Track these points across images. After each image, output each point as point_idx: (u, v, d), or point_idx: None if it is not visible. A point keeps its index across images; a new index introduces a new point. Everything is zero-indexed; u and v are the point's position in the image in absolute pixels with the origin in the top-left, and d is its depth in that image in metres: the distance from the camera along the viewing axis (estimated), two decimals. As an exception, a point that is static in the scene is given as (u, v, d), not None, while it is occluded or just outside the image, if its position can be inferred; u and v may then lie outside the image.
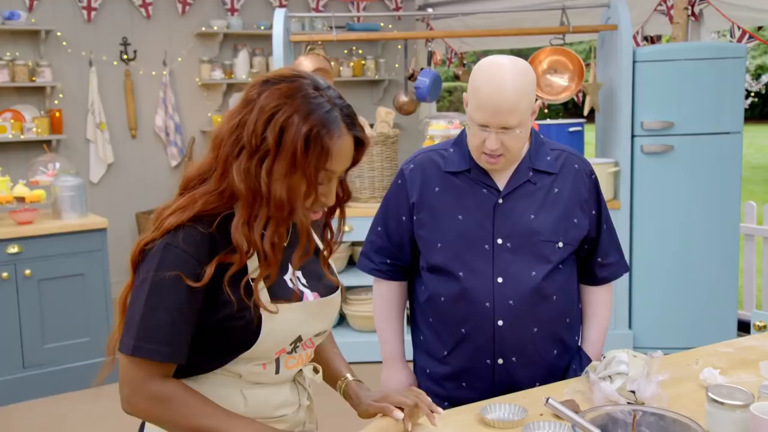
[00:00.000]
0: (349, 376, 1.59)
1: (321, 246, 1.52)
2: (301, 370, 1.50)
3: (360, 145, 1.37)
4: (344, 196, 1.45)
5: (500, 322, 1.79)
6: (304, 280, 1.46)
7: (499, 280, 1.79)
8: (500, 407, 1.61)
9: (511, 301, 1.79)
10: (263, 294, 1.35)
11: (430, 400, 1.52)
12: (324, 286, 1.49)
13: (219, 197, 1.32)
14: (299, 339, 1.43)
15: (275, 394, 1.45)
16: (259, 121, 1.28)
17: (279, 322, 1.36)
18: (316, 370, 1.53)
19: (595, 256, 1.95)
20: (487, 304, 1.79)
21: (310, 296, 1.44)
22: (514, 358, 1.82)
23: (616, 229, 2.02)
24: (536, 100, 1.80)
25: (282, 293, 1.39)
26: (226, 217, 1.34)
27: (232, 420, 1.33)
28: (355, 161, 1.39)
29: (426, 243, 1.88)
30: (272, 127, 1.27)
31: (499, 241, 1.81)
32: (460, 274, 1.81)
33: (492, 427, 1.55)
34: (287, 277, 1.43)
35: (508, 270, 1.80)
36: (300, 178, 1.29)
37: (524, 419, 1.56)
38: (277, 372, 1.43)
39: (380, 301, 2.03)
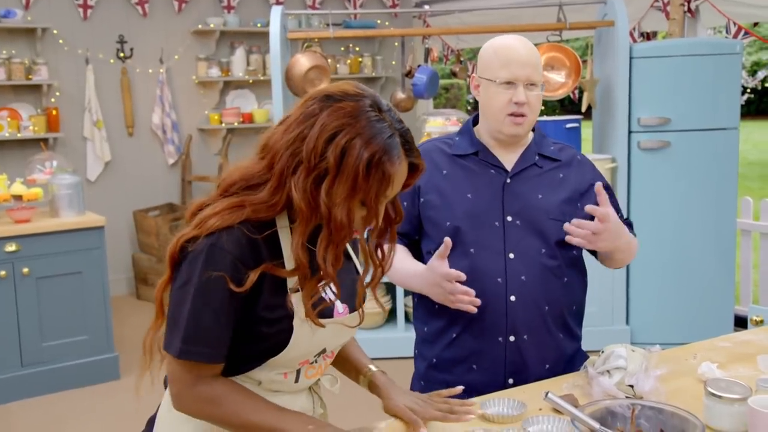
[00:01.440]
0: (372, 367, 1.59)
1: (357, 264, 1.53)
2: (318, 379, 1.51)
3: (414, 170, 1.36)
4: (396, 217, 1.43)
5: (513, 298, 1.81)
6: (335, 289, 1.43)
7: (511, 255, 1.82)
8: (499, 402, 1.61)
9: (523, 277, 1.81)
10: (297, 305, 1.34)
11: (458, 404, 1.55)
12: (353, 297, 1.46)
13: (270, 209, 1.31)
14: (324, 351, 1.44)
15: (291, 402, 1.45)
16: (320, 139, 1.25)
17: (309, 334, 1.36)
18: (334, 382, 1.54)
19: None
20: (500, 279, 1.81)
21: (340, 308, 1.44)
22: (525, 336, 1.82)
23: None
24: None
25: (316, 305, 1.37)
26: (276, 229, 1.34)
27: (284, 415, 1.34)
28: (407, 185, 1.38)
29: (435, 223, 1.89)
30: (333, 148, 1.25)
31: (509, 218, 1.85)
32: (472, 250, 1.83)
33: (492, 422, 1.55)
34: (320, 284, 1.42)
35: (518, 246, 1.83)
36: (359, 203, 1.29)
37: (523, 414, 1.56)
38: (296, 381, 1.44)
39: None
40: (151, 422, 1.52)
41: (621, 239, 1.78)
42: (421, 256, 1.97)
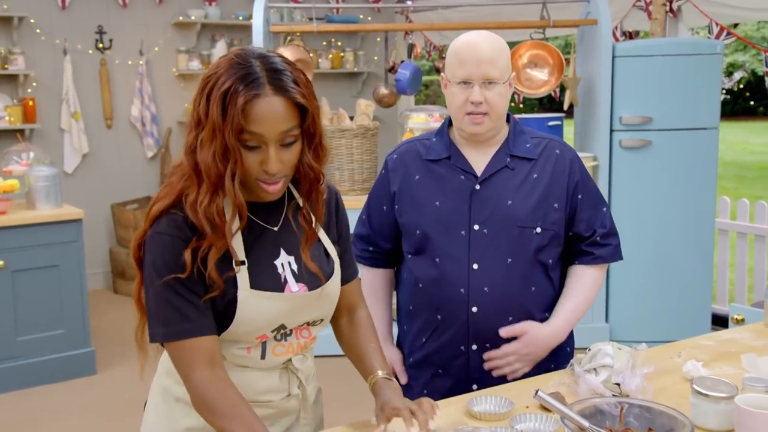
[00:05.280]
0: (379, 373, 1.53)
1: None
2: (290, 359, 1.50)
3: (302, 110, 1.34)
4: (313, 174, 1.42)
5: (474, 309, 1.80)
6: (295, 267, 1.46)
7: (475, 266, 1.80)
8: (487, 400, 1.61)
9: (486, 288, 1.80)
10: (243, 277, 1.37)
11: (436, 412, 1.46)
12: (316, 277, 1.47)
13: (191, 181, 1.35)
14: (283, 327, 1.44)
15: (261, 380, 1.45)
16: (197, 94, 1.32)
17: (254, 308, 1.38)
18: (304, 360, 1.52)
19: (594, 235, 1.90)
20: (462, 290, 1.80)
21: (294, 287, 1.44)
22: (488, 345, 1.82)
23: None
24: (511, 73, 1.83)
25: (266, 280, 1.41)
26: None
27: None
28: (309, 133, 1.37)
29: (407, 229, 1.90)
30: (204, 96, 1.30)
31: (476, 227, 1.81)
32: (437, 260, 1.83)
33: (479, 420, 1.55)
34: (278, 262, 1.44)
35: (483, 256, 1.80)
36: (222, 142, 1.29)
37: (511, 411, 1.56)
38: (263, 357, 1.44)
39: (364, 287, 2.00)
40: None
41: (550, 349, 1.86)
42: (400, 266, 2.00)
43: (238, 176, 1.32)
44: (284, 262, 1.45)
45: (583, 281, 1.90)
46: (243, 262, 1.38)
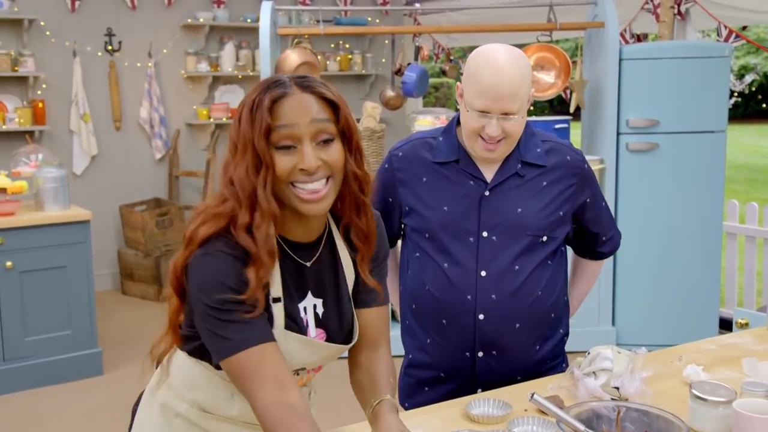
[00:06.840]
0: (388, 396, 1.37)
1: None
2: None
3: (333, 106, 1.27)
4: (358, 184, 1.30)
5: (481, 316, 1.79)
6: (321, 311, 1.39)
7: (483, 273, 1.79)
8: (485, 402, 1.61)
9: (493, 296, 1.78)
10: (278, 315, 1.30)
11: None
12: (339, 329, 1.41)
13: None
14: (303, 369, 1.40)
15: None
16: (231, 128, 1.28)
17: (285, 349, 1.31)
18: (310, 394, 1.49)
19: (599, 235, 2.01)
20: (469, 297, 1.79)
21: (313, 332, 1.38)
22: (494, 352, 1.81)
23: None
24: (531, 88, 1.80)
25: (295, 321, 1.35)
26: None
27: None
28: (348, 132, 1.28)
29: (415, 233, 1.88)
30: (236, 120, 1.26)
31: (485, 234, 1.80)
32: (445, 265, 1.81)
33: (476, 423, 1.55)
34: (302, 305, 1.37)
35: (492, 264, 1.79)
36: (253, 152, 1.22)
37: (509, 414, 1.56)
38: None
39: None
40: (134, 411, 1.55)
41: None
42: (403, 264, 1.97)
43: (270, 183, 1.22)
44: (308, 306, 1.37)
45: (590, 275, 2.16)
46: (279, 299, 1.30)
